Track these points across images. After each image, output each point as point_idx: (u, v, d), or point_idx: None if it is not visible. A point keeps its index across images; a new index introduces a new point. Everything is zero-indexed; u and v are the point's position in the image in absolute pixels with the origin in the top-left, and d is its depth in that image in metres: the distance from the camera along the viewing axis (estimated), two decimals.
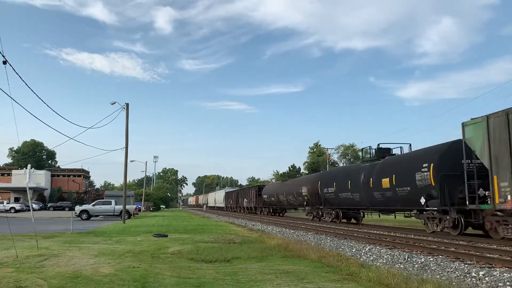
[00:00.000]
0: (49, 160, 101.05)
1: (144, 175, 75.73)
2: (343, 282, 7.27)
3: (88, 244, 13.45)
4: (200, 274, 7.96)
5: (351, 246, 13.50)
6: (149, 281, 7.11)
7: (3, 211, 44.05)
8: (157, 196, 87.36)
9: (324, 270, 8.55)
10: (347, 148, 79.48)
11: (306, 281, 7.23)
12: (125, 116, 30.21)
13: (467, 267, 8.74)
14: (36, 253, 10.61)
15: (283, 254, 11.06)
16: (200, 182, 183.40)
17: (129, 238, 16.00)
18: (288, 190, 36.36)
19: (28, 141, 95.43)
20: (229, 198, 65.23)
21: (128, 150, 30.33)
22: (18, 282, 6.89)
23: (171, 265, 9.11)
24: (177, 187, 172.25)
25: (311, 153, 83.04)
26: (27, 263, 9.02)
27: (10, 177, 77.57)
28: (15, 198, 69.47)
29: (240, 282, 7.16)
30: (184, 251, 11.74)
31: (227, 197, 67.85)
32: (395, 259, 10.63)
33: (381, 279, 7.18)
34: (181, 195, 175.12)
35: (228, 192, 70.12)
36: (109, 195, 53.51)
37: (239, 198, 56.72)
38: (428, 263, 9.68)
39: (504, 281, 7.43)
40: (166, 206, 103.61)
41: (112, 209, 35.22)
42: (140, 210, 54.68)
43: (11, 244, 11.51)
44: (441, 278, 7.93)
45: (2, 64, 10.57)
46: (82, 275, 7.55)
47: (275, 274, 7.92)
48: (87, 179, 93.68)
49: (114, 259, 9.85)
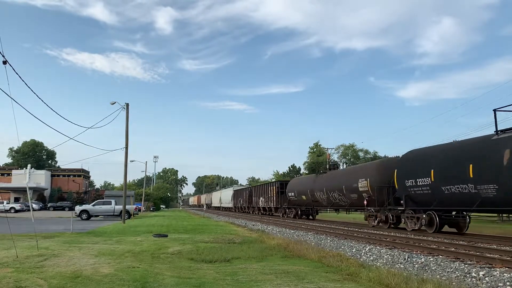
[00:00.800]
0: (49, 160, 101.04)
1: (144, 175, 75.82)
2: (343, 282, 7.27)
3: (88, 244, 13.45)
4: (200, 274, 7.95)
5: (351, 246, 13.50)
6: (149, 281, 7.11)
7: (3, 211, 44.03)
8: (157, 196, 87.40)
9: (324, 270, 8.55)
10: (347, 148, 79.46)
11: (306, 281, 7.23)
12: (125, 116, 30.25)
13: (467, 267, 8.73)
14: (36, 253, 10.61)
15: (283, 254, 11.05)
16: (200, 182, 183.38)
17: (129, 238, 16.00)
18: (330, 185, 27.31)
19: (28, 141, 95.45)
20: (239, 197, 56.74)
21: (128, 150, 30.37)
22: (18, 282, 6.89)
23: (171, 265, 9.11)
24: (177, 187, 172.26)
25: (311, 153, 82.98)
26: (27, 263, 9.02)
27: (10, 177, 77.54)
28: (15, 198, 69.45)
29: (240, 282, 7.16)
30: (184, 251, 11.74)
31: (236, 196, 59.70)
32: (395, 259, 10.63)
33: (381, 279, 7.18)
34: (181, 195, 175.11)
35: (237, 190, 60.56)
36: (109, 195, 53.57)
37: (253, 197, 48.37)
38: (428, 263, 9.68)
39: (504, 281, 7.42)
40: (166, 206, 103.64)
41: (112, 209, 35.22)
42: (140, 210, 54.69)
43: (11, 244, 11.51)
44: (441, 278, 7.93)
45: (2, 64, 10.56)
46: (82, 275, 7.55)
47: (275, 274, 7.91)
48: (87, 179, 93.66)
49: (114, 259, 9.85)
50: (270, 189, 41.20)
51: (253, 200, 48.39)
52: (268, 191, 41.85)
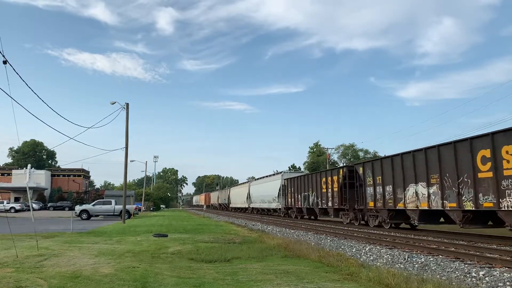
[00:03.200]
0: (49, 160, 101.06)
1: (144, 175, 75.72)
2: (343, 282, 7.26)
3: (88, 244, 13.44)
4: (200, 274, 7.95)
5: (351, 246, 13.50)
6: (149, 281, 7.10)
7: (3, 211, 43.95)
8: (157, 196, 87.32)
9: (324, 270, 8.55)
10: (347, 148, 79.47)
11: (306, 281, 7.23)
12: (125, 116, 30.23)
13: (467, 267, 8.73)
14: (36, 253, 10.60)
15: (283, 254, 11.04)
16: (200, 182, 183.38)
17: (129, 238, 15.99)
18: None
19: (28, 141, 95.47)
20: (296, 191, 32.25)
21: (128, 150, 30.35)
22: (18, 282, 6.88)
23: (171, 265, 9.11)
24: (177, 187, 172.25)
25: (311, 153, 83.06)
26: (27, 263, 9.02)
27: (10, 177, 77.56)
28: (15, 198, 69.47)
29: (240, 282, 7.15)
30: (184, 251, 11.73)
31: (289, 187, 34.16)
32: (395, 259, 10.62)
33: (381, 279, 7.18)
34: (181, 195, 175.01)
35: (293, 179, 33.34)
36: (109, 195, 53.56)
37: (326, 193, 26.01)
38: (428, 263, 9.68)
39: (504, 281, 7.42)
40: (166, 206, 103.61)
41: (112, 209, 35.22)
42: (140, 210, 54.67)
43: (11, 244, 11.51)
44: (441, 278, 7.93)
45: (2, 64, 10.56)
46: (82, 275, 7.55)
47: (275, 274, 7.91)
48: (87, 179, 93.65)
49: (114, 259, 9.84)
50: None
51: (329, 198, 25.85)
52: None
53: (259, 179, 47.49)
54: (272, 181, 39.94)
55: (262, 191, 43.21)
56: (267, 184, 41.66)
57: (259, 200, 45.08)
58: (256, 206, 46.44)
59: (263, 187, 42.90)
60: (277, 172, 41.82)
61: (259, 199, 44.80)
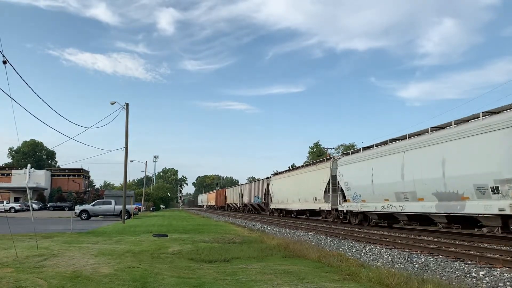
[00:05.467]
0: (49, 160, 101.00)
1: (144, 175, 75.61)
2: (343, 282, 7.25)
3: (88, 244, 13.43)
4: (200, 274, 7.94)
5: (351, 246, 13.49)
6: (149, 281, 7.10)
7: (3, 211, 43.94)
8: (157, 196, 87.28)
9: (324, 270, 8.54)
10: (347, 148, 79.33)
11: (306, 281, 7.22)
12: (125, 116, 30.21)
13: (467, 267, 8.73)
14: (36, 253, 10.59)
15: (283, 254, 11.04)
16: (200, 182, 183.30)
17: (129, 238, 15.98)
18: None
19: (28, 141, 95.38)
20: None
21: (128, 150, 30.34)
22: (18, 282, 6.88)
23: (171, 265, 9.10)
24: (177, 187, 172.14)
25: (311, 153, 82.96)
26: (27, 263, 9.01)
27: (10, 177, 77.53)
28: (15, 198, 69.45)
29: (240, 282, 7.15)
30: (184, 251, 11.73)
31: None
32: (395, 259, 10.62)
33: (381, 279, 7.17)
34: (181, 195, 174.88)
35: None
36: (109, 195, 53.60)
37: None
38: (428, 263, 9.67)
39: (504, 281, 7.42)
40: (166, 206, 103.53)
41: (112, 209, 35.19)
42: (140, 210, 54.65)
43: (11, 244, 11.49)
44: (442, 278, 7.92)
45: (2, 64, 10.54)
46: (82, 275, 7.54)
47: (275, 274, 7.90)
48: (87, 179, 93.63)
49: (114, 259, 9.83)
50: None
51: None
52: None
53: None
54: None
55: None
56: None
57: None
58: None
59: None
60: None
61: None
